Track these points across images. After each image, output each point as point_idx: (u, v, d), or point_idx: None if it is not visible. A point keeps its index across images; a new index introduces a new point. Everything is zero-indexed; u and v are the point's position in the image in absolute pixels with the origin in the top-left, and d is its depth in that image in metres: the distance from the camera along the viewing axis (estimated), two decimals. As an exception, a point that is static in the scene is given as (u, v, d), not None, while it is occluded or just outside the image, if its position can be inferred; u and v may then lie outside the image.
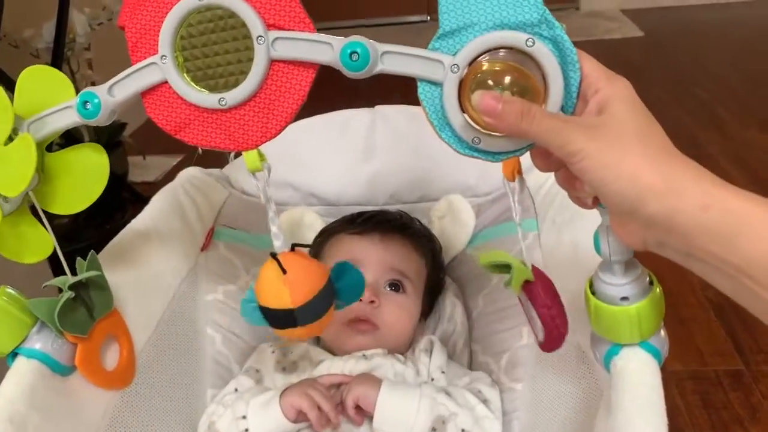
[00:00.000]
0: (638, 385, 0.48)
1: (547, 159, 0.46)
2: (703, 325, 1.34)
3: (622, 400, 0.47)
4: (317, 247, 0.83)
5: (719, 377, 1.23)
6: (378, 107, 0.94)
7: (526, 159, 0.49)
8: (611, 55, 3.02)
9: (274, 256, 0.53)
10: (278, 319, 0.53)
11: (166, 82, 0.49)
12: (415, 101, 0.48)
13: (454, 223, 0.87)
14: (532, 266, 0.52)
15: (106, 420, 0.60)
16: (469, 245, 0.88)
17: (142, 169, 2.14)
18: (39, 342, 0.55)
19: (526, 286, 0.52)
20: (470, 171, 0.90)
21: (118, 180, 1.92)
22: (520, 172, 0.51)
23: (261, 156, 0.52)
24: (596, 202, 0.47)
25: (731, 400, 1.18)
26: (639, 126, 0.42)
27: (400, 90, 0.56)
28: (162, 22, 0.48)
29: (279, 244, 0.53)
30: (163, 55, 0.48)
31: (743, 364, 1.24)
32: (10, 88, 1.37)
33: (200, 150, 0.67)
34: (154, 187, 0.87)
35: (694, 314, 1.37)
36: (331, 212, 0.93)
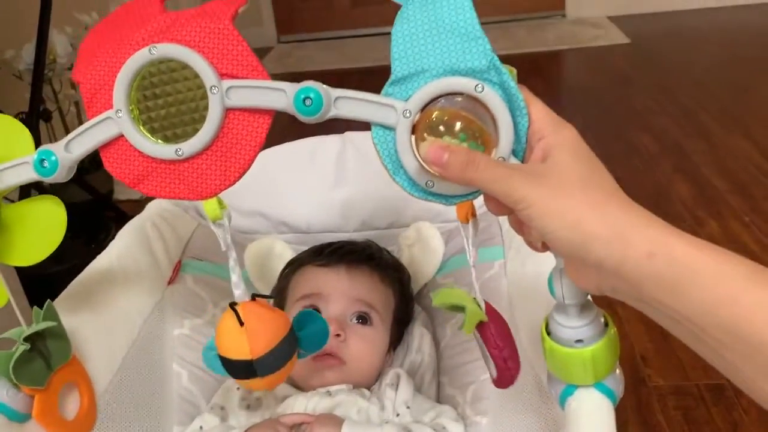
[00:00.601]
0: (590, 427, 0.48)
1: (498, 203, 0.46)
2: (685, 339, 1.34)
3: (574, 443, 0.47)
4: (284, 280, 0.83)
5: (701, 392, 1.23)
6: (347, 133, 0.94)
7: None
8: (597, 62, 3.04)
9: (232, 306, 0.53)
10: (238, 369, 0.53)
11: (123, 135, 0.49)
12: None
13: (424, 251, 0.87)
14: (486, 305, 0.52)
15: (66, 464, 0.59)
16: (439, 273, 0.88)
17: (127, 187, 2.13)
18: (-6, 386, 0.55)
19: (480, 326, 0.52)
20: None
21: (103, 199, 1.92)
22: (474, 215, 0.51)
23: (221, 204, 0.52)
24: (545, 247, 0.47)
25: (713, 415, 1.18)
26: (583, 173, 0.42)
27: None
28: (115, 76, 0.48)
29: (239, 293, 0.53)
30: (118, 110, 0.48)
31: (725, 378, 1.24)
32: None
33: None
34: (140, 205, 0.87)
35: (677, 328, 1.37)
36: (303, 240, 0.93)
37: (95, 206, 1.89)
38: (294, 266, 0.83)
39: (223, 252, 0.88)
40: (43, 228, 0.55)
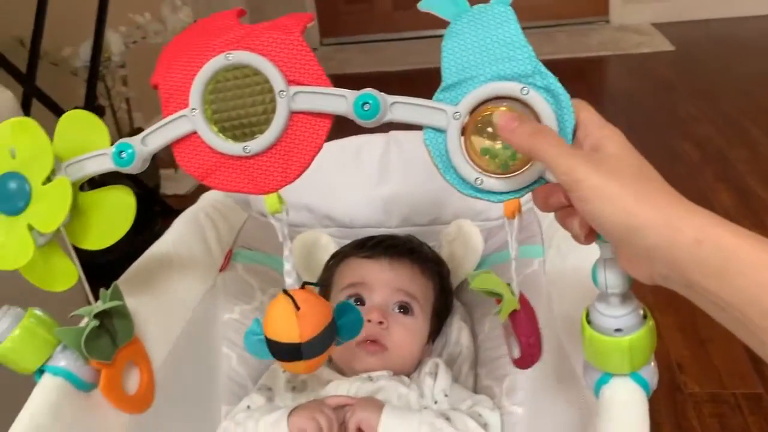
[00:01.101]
0: (624, 416, 0.49)
1: (546, 200, 0.48)
2: (723, 347, 1.33)
3: (606, 430, 0.49)
4: (329, 270, 0.86)
5: (738, 400, 1.22)
6: (392, 132, 0.97)
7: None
8: (641, 69, 3.01)
9: (286, 292, 0.56)
10: (284, 352, 0.57)
11: (195, 132, 0.53)
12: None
13: (464, 248, 0.90)
14: (520, 294, 0.55)
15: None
16: (478, 269, 0.90)
17: (173, 182, 2.20)
18: (63, 360, 0.59)
19: (511, 314, 0.55)
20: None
21: (150, 193, 1.98)
22: (519, 211, 0.54)
23: (280, 199, 0.56)
24: (589, 239, 0.49)
25: (749, 424, 1.17)
26: (635, 164, 0.44)
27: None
28: (192, 79, 0.52)
29: (291, 282, 0.57)
30: (193, 108, 0.52)
31: (763, 388, 1.23)
32: (55, 111, 1.43)
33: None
34: (186, 199, 0.91)
35: (714, 335, 1.36)
36: (346, 234, 0.96)
37: (143, 200, 1.94)
38: (338, 258, 0.87)
39: (272, 242, 0.93)
40: (114, 215, 0.59)
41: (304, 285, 0.58)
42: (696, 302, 0.42)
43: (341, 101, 0.50)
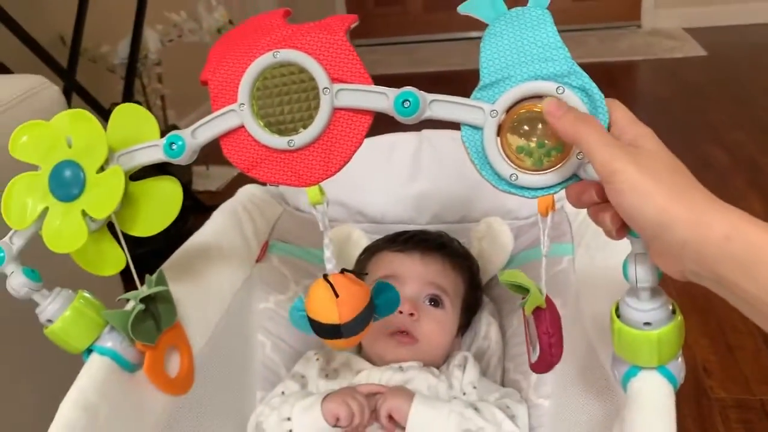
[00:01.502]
0: (652, 408, 0.50)
1: (579, 196, 0.50)
2: (750, 353, 1.32)
3: (635, 421, 0.50)
4: (362, 263, 0.88)
5: (765, 407, 1.21)
6: (424, 131, 0.99)
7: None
8: (672, 74, 2.99)
9: (326, 277, 0.60)
10: (326, 331, 0.61)
11: (242, 126, 0.56)
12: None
13: (493, 245, 0.91)
14: (546, 296, 0.57)
15: (165, 415, 0.66)
16: (507, 267, 0.91)
17: (205, 178, 2.24)
18: (110, 341, 0.62)
19: (536, 311, 0.57)
20: (511, 195, 0.93)
21: (182, 188, 2.01)
22: (553, 208, 0.56)
23: (321, 191, 0.58)
24: (621, 234, 0.50)
25: (776, 431, 1.17)
26: (669, 161, 0.46)
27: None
28: (241, 76, 0.55)
29: (331, 267, 0.60)
30: (241, 103, 0.55)
31: (792, 396, 1.23)
32: (93, 106, 1.47)
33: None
34: (216, 196, 0.94)
35: (742, 342, 1.35)
36: (377, 230, 0.98)
37: (176, 195, 1.98)
38: (370, 252, 0.89)
39: (305, 236, 0.96)
40: (162, 204, 0.62)
41: (343, 271, 0.61)
42: (726, 298, 0.43)
43: (382, 98, 0.52)
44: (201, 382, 0.71)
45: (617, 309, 0.53)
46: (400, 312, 0.77)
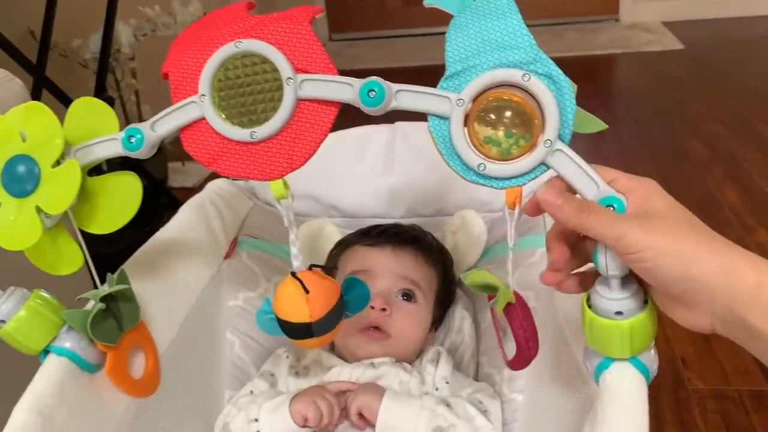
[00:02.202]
0: (624, 400, 0.50)
1: (537, 205, 0.49)
2: (728, 344, 1.31)
3: (607, 414, 0.49)
4: (333, 259, 0.87)
5: (742, 398, 1.22)
6: (398, 123, 0.97)
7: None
8: (650, 68, 3.00)
9: (294, 275, 0.58)
10: (296, 331, 0.59)
11: (204, 118, 0.54)
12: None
13: (467, 238, 0.90)
14: (514, 291, 0.56)
15: (129, 417, 0.64)
16: (481, 260, 0.90)
17: (181, 174, 2.21)
18: (68, 341, 0.59)
19: (508, 307, 0.56)
20: (485, 187, 0.92)
21: (157, 185, 1.99)
22: (520, 201, 0.54)
23: (286, 185, 0.56)
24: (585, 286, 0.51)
25: (753, 421, 1.17)
26: (683, 216, 0.45)
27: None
28: (202, 67, 0.53)
29: (298, 264, 0.58)
30: (202, 95, 0.53)
31: (767, 386, 1.23)
32: (64, 102, 1.45)
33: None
34: (192, 192, 0.92)
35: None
36: (350, 224, 0.97)
37: (150, 192, 1.95)
38: (342, 246, 0.87)
39: (276, 231, 0.94)
40: (120, 201, 0.60)
41: (311, 267, 0.59)
42: (754, 350, 0.43)
43: (347, 89, 0.50)
44: (167, 382, 0.69)
45: (588, 299, 0.52)
46: (372, 307, 0.75)
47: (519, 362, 0.57)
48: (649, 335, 0.51)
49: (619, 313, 0.50)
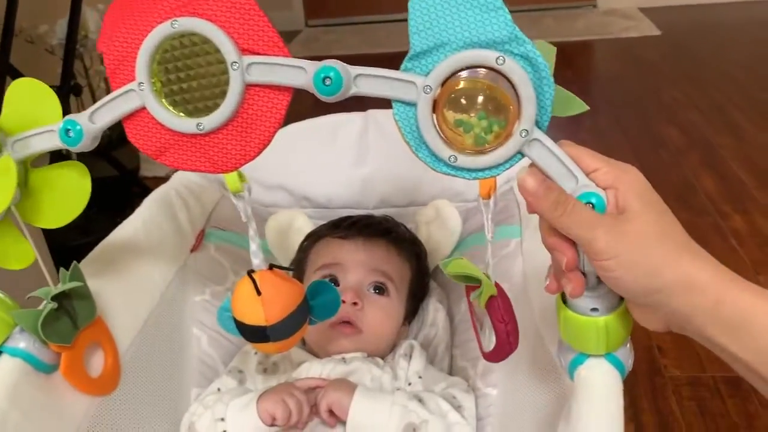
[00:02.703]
0: (599, 397, 0.48)
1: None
2: (703, 331, 1.33)
3: (581, 410, 0.48)
4: (303, 251, 0.84)
5: (717, 384, 1.22)
6: (370, 111, 0.95)
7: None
8: (627, 54, 3.00)
9: (250, 274, 0.55)
10: (251, 333, 0.56)
11: (145, 108, 0.50)
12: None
13: (441, 229, 0.88)
14: (495, 283, 0.54)
15: (89, 418, 0.61)
16: (456, 250, 0.89)
17: (153, 164, 2.17)
18: (22, 341, 0.57)
19: (488, 300, 0.54)
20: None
21: (128, 175, 1.95)
22: (494, 191, 0.52)
23: (241, 177, 0.53)
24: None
25: (728, 407, 1.17)
26: (659, 226, 0.44)
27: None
28: (138, 48, 0.48)
29: (258, 263, 0.55)
30: (140, 82, 0.49)
31: (742, 371, 1.23)
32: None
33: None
34: (165, 181, 0.89)
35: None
36: (324, 215, 0.94)
37: (122, 181, 1.92)
38: (313, 239, 0.85)
39: (245, 223, 0.91)
40: (67, 194, 0.57)
41: (272, 267, 0.56)
42: (710, 348, 0.44)
43: (300, 74, 0.46)
44: (130, 380, 0.67)
45: (563, 295, 0.51)
46: (343, 301, 0.73)
47: (497, 355, 0.55)
48: (624, 332, 0.50)
49: (594, 309, 0.49)
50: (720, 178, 1.86)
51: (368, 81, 0.46)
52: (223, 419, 0.65)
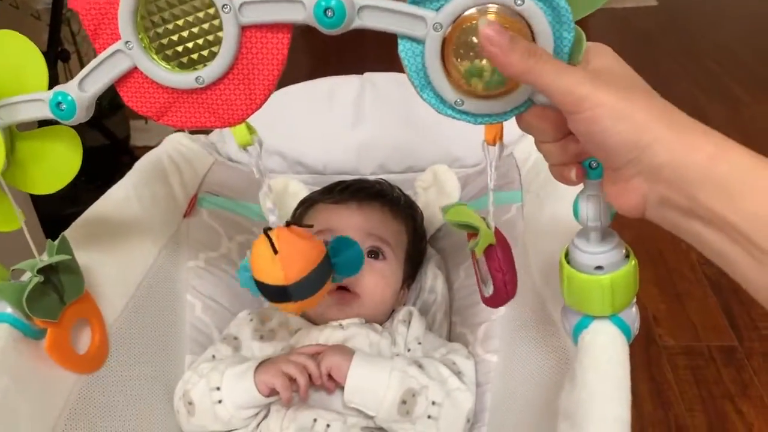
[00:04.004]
0: (604, 361, 0.47)
1: (534, 117, 0.44)
2: (698, 301, 1.33)
3: (586, 375, 0.47)
4: (298, 218, 0.83)
5: (712, 353, 1.23)
6: (367, 74, 0.93)
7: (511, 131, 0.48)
8: (623, 24, 2.97)
9: (266, 232, 0.52)
10: (272, 293, 0.54)
11: (137, 68, 0.46)
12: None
13: (439, 194, 0.86)
14: (495, 229, 0.52)
15: (80, 384, 0.60)
16: (455, 217, 0.87)
17: (143, 133, 2.13)
18: (10, 306, 0.55)
19: (487, 248, 0.52)
20: (458, 142, 0.89)
21: (119, 144, 1.92)
22: (501, 138, 0.50)
23: (250, 129, 0.50)
24: (580, 177, 0.45)
25: (722, 375, 1.18)
26: (641, 82, 0.41)
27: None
28: (117, 3, 0.45)
29: (274, 220, 0.52)
30: (126, 41, 0.45)
31: (737, 340, 1.24)
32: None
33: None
34: None
35: (691, 289, 1.36)
36: (319, 180, 0.93)
37: (112, 151, 1.89)
38: (306, 205, 0.83)
39: (239, 188, 0.89)
40: (58, 160, 0.54)
41: (288, 224, 0.54)
42: (688, 232, 0.39)
43: (298, 8, 0.43)
44: (122, 347, 0.65)
45: (567, 254, 0.49)
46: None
47: (495, 302, 0.54)
48: (630, 291, 0.49)
49: (599, 267, 0.47)
50: (715, 149, 1.85)
51: (373, 13, 0.43)
52: (218, 388, 0.64)
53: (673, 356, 1.23)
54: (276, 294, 0.54)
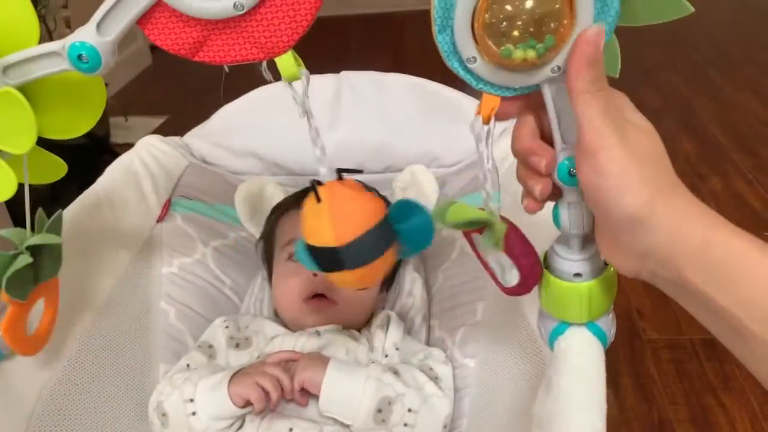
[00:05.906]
0: (580, 369, 0.46)
1: (518, 104, 0.43)
2: (682, 294, 1.33)
3: (561, 382, 0.46)
4: (270, 225, 0.82)
5: (695, 346, 1.23)
6: (343, 73, 0.91)
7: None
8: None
9: (314, 185, 0.46)
10: (323, 259, 0.46)
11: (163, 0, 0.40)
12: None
13: (417, 195, 0.85)
14: (501, 216, 0.50)
15: (44, 398, 0.58)
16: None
17: (124, 130, 2.11)
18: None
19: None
20: (436, 141, 0.88)
21: (99, 142, 1.89)
22: (495, 117, 0.48)
23: (297, 60, 0.46)
24: (538, 206, 0.45)
25: (705, 369, 1.18)
26: (656, 154, 0.40)
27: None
28: None
29: (324, 172, 0.46)
30: None
31: (720, 333, 1.24)
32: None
33: (226, 68, 0.58)
34: None
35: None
36: (296, 182, 0.91)
37: (91, 150, 1.86)
38: (279, 211, 0.82)
39: (213, 192, 0.87)
40: (82, 100, 0.51)
41: (340, 176, 0.47)
42: (680, 301, 0.40)
43: None
44: (92, 358, 0.64)
45: (545, 259, 0.48)
46: (315, 274, 0.70)
47: (526, 286, 0.49)
48: (608, 299, 0.48)
49: (578, 275, 0.46)
50: (698, 140, 1.85)
51: None
52: (192, 400, 0.62)
53: (656, 350, 1.23)
54: (327, 260, 0.46)
